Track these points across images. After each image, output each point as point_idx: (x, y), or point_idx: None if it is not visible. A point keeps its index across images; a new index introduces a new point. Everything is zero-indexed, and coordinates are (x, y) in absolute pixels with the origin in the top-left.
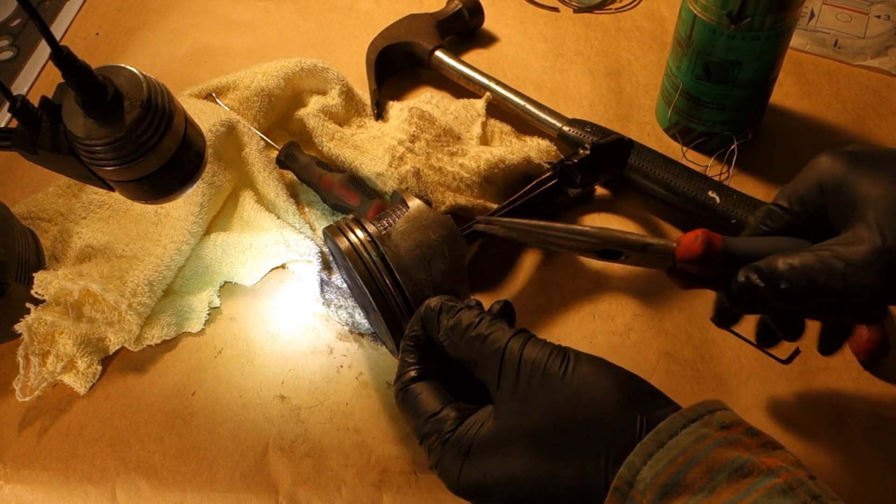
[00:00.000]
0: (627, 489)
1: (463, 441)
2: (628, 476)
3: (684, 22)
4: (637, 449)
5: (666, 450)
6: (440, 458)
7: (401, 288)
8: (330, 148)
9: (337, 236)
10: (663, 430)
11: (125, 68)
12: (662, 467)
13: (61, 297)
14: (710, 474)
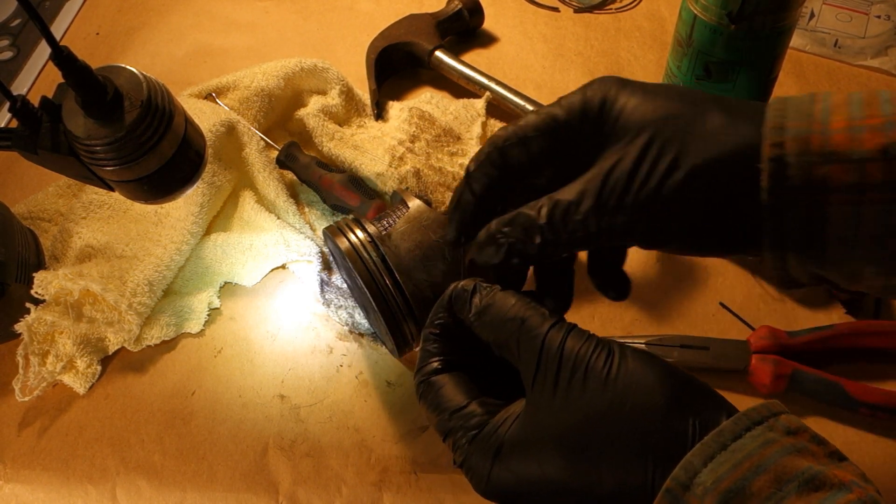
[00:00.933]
0: (682, 492)
1: (492, 439)
2: (684, 478)
3: (684, 22)
4: (696, 449)
5: (729, 452)
6: (467, 456)
7: (401, 288)
8: (330, 148)
9: (337, 236)
10: (727, 432)
11: (125, 68)
12: (726, 472)
13: (61, 297)
14: (779, 484)
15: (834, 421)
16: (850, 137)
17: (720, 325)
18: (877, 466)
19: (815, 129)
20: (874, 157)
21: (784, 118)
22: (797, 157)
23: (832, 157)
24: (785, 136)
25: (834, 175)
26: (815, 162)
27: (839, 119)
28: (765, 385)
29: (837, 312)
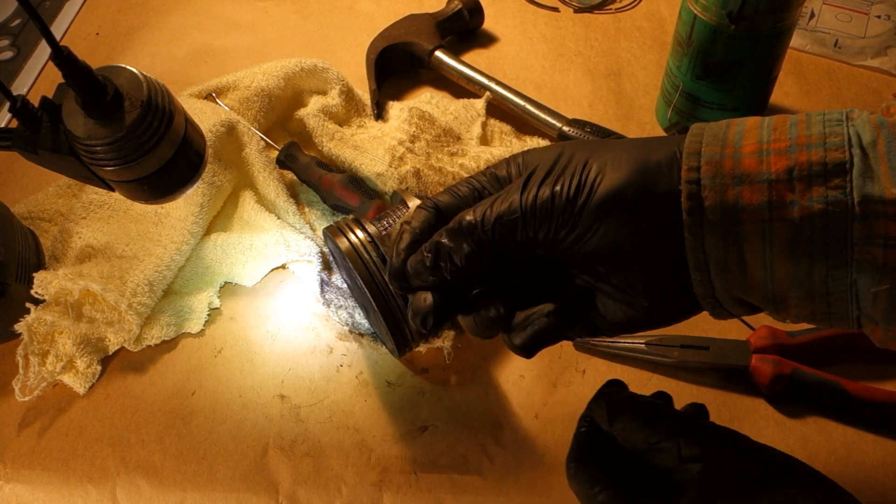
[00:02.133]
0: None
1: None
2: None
3: (684, 22)
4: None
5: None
6: None
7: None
8: (330, 148)
9: (337, 237)
10: None
11: (125, 68)
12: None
13: (61, 297)
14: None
15: (834, 421)
16: (758, 160)
17: (720, 325)
18: (877, 466)
19: (727, 154)
20: (780, 178)
21: (700, 143)
22: (711, 179)
23: (743, 179)
24: (700, 161)
25: (745, 196)
26: (727, 184)
27: (750, 143)
28: (765, 385)
29: None
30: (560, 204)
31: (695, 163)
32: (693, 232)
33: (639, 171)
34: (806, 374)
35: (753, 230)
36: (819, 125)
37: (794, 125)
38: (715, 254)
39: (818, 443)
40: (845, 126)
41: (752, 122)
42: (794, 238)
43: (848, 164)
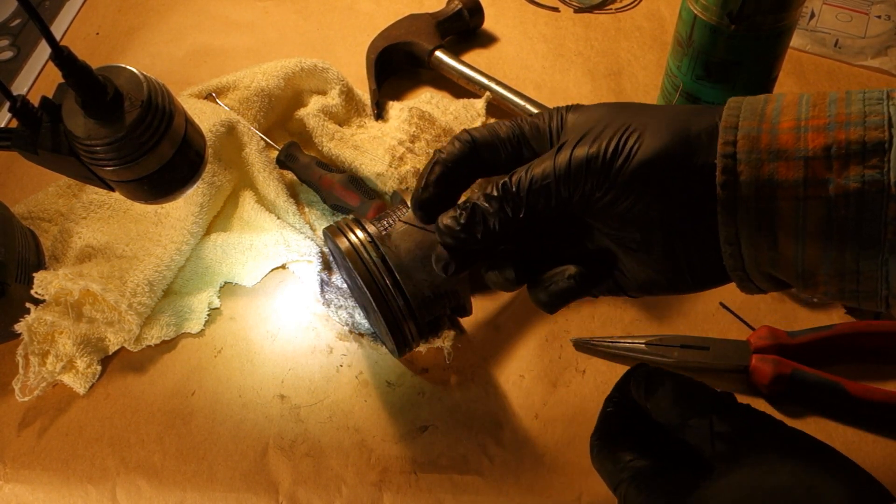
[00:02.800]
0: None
1: None
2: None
3: (684, 22)
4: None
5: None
6: None
7: (401, 288)
8: (330, 148)
9: (337, 236)
10: None
11: (125, 68)
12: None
13: (61, 297)
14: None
15: (834, 421)
16: (796, 137)
17: (720, 325)
18: (877, 466)
19: (764, 129)
20: (817, 155)
21: (737, 117)
22: (747, 153)
23: (779, 155)
24: (737, 135)
25: (781, 172)
26: (763, 159)
27: (788, 119)
28: (765, 385)
29: (837, 312)
30: (596, 167)
31: (731, 137)
32: (726, 206)
33: (678, 142)
34: (806, 375)
35: (787, 207)
36: (859, 103)
37: (834, 102)
38: (747, 229)
39: None
40: (885, 105)
41: (791, 97)
42: (828, 216)
43: (887, 143)
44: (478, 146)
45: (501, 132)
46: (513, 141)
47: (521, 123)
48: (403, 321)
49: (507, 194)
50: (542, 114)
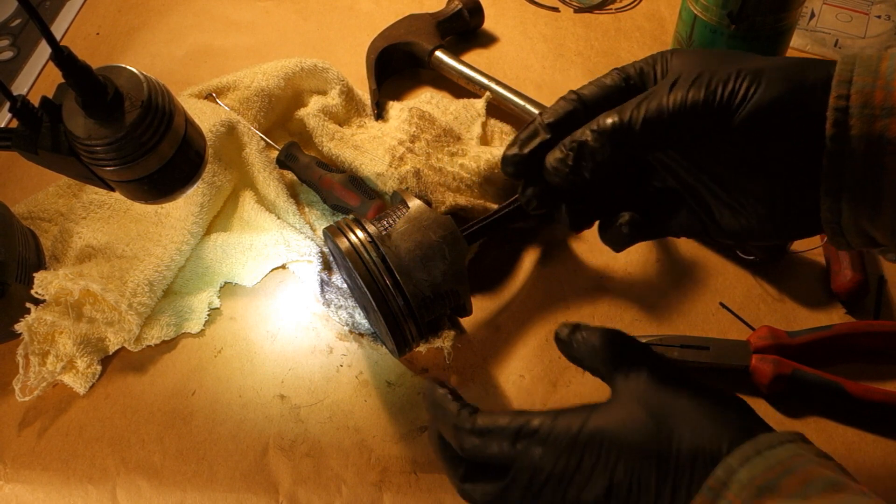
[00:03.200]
0: (721, 489)
1: None
2: (724, 477)
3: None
4: (736, 453)
5: (763, 458)
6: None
7: (401, 288)
8: (330, 148)
9: (337, 237)
10: (763, 441)
11: (125, 68)
12: (760, 472)
13: (61, 297)
14: (805, 485)
15: (834, 421)
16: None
17: (720, 325)
18: (877, 466)
19: (879, 85)
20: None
21: (851, 72)
22: (860, 108)
23: (893, 112)
24: (850, 90)
25: (893, 128)
26: (876, 115)
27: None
28: (765, 385)
29: (837, 312)
30: (711, 109)
31: (844, 91)
32: (833, 159)
33: (794, 90)
34: (806, 375)
35: (895, 163)
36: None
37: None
38: (851, 182)
39: (818, 443)
40: None
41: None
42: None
43: None
44: (585, 103)
45: (608, 81)
46: (621, 89)
47: (627, 69)
48: (403, 321)
49: (616, 132)
50: (646, 59)
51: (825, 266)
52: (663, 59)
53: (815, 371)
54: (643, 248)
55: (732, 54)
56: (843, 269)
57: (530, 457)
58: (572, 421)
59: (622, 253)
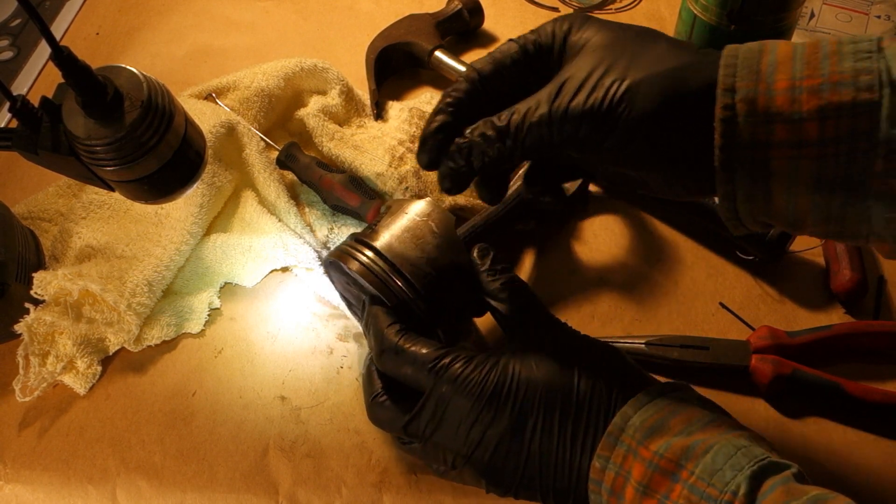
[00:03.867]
0: (619, 434)
1: None
2: (621, 423)
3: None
4: (631, 402)
5: (654, 404)
6: None
7: (399, 271)
8: (330, 148)
9: (333, 256)
10: (653, 391)
11: (125, 68)
12: (650, 415)
13: (61, 297)
14: (688, 423)
15: (834, 421)
16: (791, 98)
17: (720, 325)
18: (876, 466)
19: (760, 90)
20: (811, 117)
21: (734, 77)
22: (745, 117)
23: (775, 118)
24: (735, 98)
25: (777, 133)
26: (760, 121)
27: (782, 78)
28: (764, 385)
29: (837, 312)
30: (589, 120)
31: (729, 100)
32: (724, 166)
33: (672, 101)
34: (806, 375)
35: (781, 166)
36: (850, 58)
37: (827, 58)
38: (743, 186)
39: (818, 443)
40: (876, 59)
41: (785, 50)
42: (818, 173)
43: (876, 106)
44: (484, 81)
45: (507, 60)
46: (519, 62)
47: (526, 42)
48: (412, 302)
49: (502, 135)
50: (545, 30)
51: (825, 266)
52: (562, 31)
53: (814, 371)
54: (643, 248)
55: (626, 48)
56: (842, 269)
57: (440, 391)
58: (484, 364)
59: (622, 253)
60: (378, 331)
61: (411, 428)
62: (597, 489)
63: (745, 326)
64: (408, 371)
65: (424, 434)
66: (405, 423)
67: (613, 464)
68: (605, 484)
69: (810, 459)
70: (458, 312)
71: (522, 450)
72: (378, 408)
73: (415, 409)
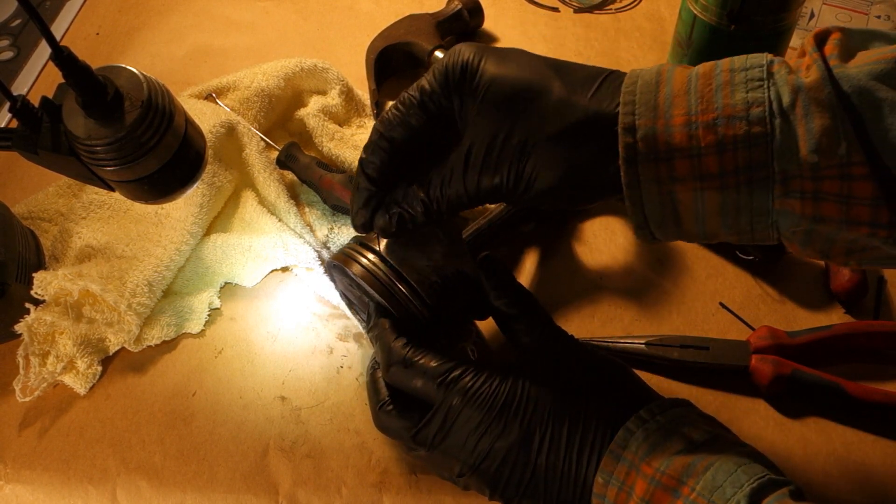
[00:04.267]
0: (621, 451)
1: None
2: (623, 439)
3: (684, 22)
4: (633, 418)
5: (655, 421)
6: None
7: (404, 278)
8: (330, 148)
9: (337, 259)
10: (655, 408)
11: (125, 68)
12: (652, 431)
13: (61, 297)
14: (690, 440)
15: (833, 421)
16: (688, 135)
17: (720, 325)
18: (876, 467)
19: (659, 128)
20: (709, 151)
21: (633, 115)
22: (646, 156)
23: (675, 154)
24: (636, 137)
25: (678, 168)
26: (662, 158)
27: (679, 113)
28: (764, 385)
29: (837, 313)
30: (501, 194)
31: (630, 139)
32: (633, 201)
33: (574, 165)
34: (806, 375)
35: (687, 198)
36: (742, 89)
37: (720, 90)
38: (654, 216)
39: (818, 443)
40: (766, 89)
41: (680, 80)
42: (723, 201)
43: (769, 136)
44: (397, 148)
45: (413, 122)
46: (426, 125)
47: (426, 105)
48: (417, 310)
49: (426, 206)
50: (438, 90)
51: (824, 266)
52: (458, 92)
53: (814, 371)
54: (644, 248)
55: (529, 90)
56: (841, 269)
57: (450, 402)
58: (494, 377)
59: (622, 254)
60: (385, 344)
61: (419, 437)
62: (600, 503)
63: (745, 326)
64: (418, 384)
65: (433, 443)
66: (414, 433)
67: (616, 479)
68: (608, 498)
69: (810, 460)
70: (461, 317)
71: (529, 462)
72: (385, 416)
73: (424, 420)
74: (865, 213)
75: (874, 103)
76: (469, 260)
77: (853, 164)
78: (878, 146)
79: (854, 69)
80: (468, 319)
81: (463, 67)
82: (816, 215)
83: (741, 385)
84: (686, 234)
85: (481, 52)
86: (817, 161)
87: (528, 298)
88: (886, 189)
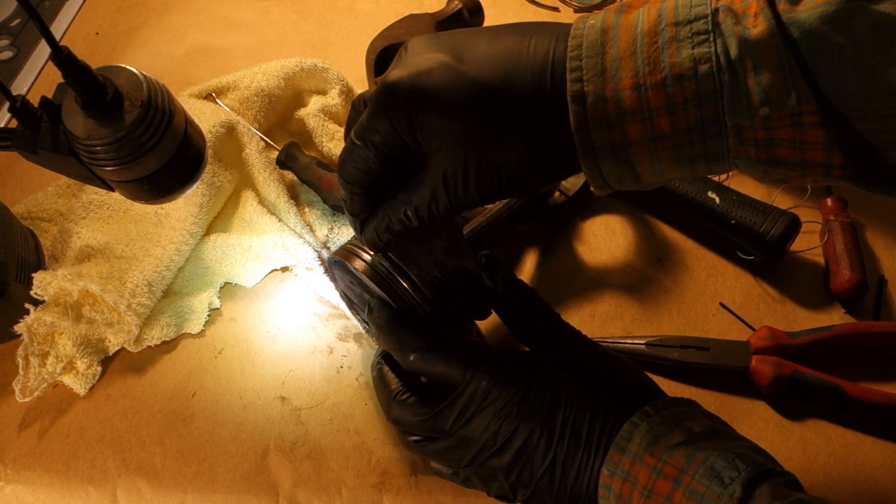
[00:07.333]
0: (626, 443)
1: None
2: (628, 432)
3: None
4: (639, 412)
5: (660, 415)
6: None
7: (405, 273)
8: (330, 148)
9: (338, 255)
10: (660, 403)
11: (125, 68)
12: (656, 424)
13: (60, 297)
14: (692, 433)
15: (833, 422)
16: (638, 98)
17: (720, 325)
18: (876, 468)
19: (608, 93)
20: (660, 113)
21: (581, 81)
22: (597, 122)
23: (627, 119)
24: (586, 105)
25: (631, 132)
26: (613, 123)
27: (627, 76)
28: (765, 386)
29: (837, 313)
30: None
31: (580, 107)
32: (590, 166)
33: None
34: (806, 376)
35: (642, 156)
36: (688, 45)
37: (665, 47)
38: (611, 176)
39: (818, 444)
40: (713, 42)
41: (626, 40)
42: (678, 156)
43: (718, 91)
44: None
45: (375, 168)
46: (388, 167)
47: (382, 152)
48: (418, 306)
49: (406, 227)
50: (392, 128)
51: (824, 266)
52: (410, 125)
53: (814, 372)
54: (644, 248)
55: (477, 138)
56: (841, 269)
57: (477, 384)
58: (520, 363)
59: (622, 253)
60: (399, 334)
61: (440, 420)
62: (606, 495)
63: (746, 327)
64: (441, 368)
65: (452, 427)
66: (434, 414)
67: (621, 470)
68: (614, 490)
69: (810, 461)
70: (462, 314)
71: (551, 446)
72: (398, 406)
73: (446, 402)
74: (819, 157)
75: (825, 48)
76: (470, 255)
77: (804, 113)
78: (829, 94)
79: (805, 13)
80: (468, 318)
81: (406, 112)
82: (772, 159)
83: (741, 386)
84: (644, 185)
85: (415, 78)
86: (769, 113)
87: (533, 294)
88: (839, 132)
